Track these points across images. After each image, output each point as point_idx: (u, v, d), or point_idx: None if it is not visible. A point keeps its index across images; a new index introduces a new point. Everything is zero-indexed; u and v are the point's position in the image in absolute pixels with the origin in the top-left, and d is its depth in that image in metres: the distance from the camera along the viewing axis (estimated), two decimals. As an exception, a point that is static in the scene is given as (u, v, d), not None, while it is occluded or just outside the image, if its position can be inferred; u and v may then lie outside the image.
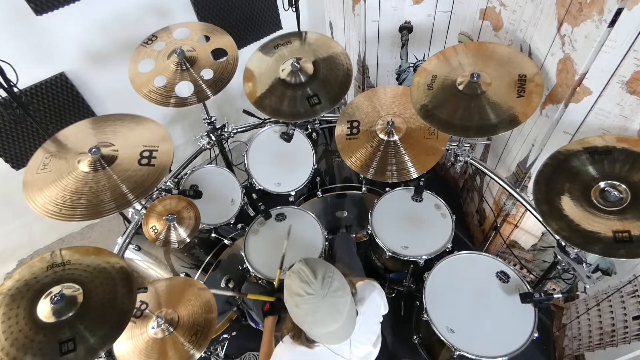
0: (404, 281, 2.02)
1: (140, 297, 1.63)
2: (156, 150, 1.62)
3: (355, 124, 2.01)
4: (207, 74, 1.92)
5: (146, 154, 1.61)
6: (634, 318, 1.69)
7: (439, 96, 1.73)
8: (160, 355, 1.53)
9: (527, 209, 2.02)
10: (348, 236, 2.25)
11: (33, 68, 2.14)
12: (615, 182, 1.39)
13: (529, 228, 2.21)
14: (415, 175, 1.87)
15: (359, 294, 1.37)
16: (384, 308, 1.47)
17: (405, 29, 2.39)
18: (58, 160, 1.58)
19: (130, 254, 2.07)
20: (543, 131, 1.80)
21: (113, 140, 1.65)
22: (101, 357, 1.29)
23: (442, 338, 1.65)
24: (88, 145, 1.58)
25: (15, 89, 1.64)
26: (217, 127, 2.28)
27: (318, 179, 2.35)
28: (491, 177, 2.12)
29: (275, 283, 1.76)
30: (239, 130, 2.40)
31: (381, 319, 1.46)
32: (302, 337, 1.28)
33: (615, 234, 1.30)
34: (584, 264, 1.59)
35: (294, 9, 2.13)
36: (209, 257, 2.15)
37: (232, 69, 1.93)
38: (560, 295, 1.68)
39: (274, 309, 1.66)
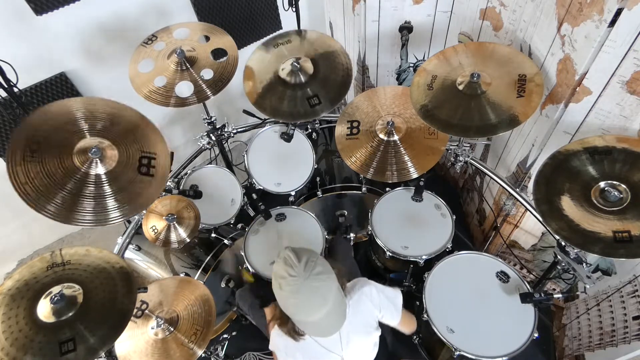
0: (404, 281, 2.02)
1: (140, 297, 1.63)
2: (154, 158, 1.52)
3: (355, 124, 2.01)
4: (207, 74, 1.91)
5: (145, 161, 1.50)
6: (634, 318, 1.69)
7: (439, 96, 1.73)
8: (160, 355, 1.53)
9: (527, 209, 2.02)
10: (343, 240, 2.24)
11: (33, 68, 2.14)
12: (615, 182, 1.39)
13: (529, 228, 2.20)
14: (415, 175, 1.86)
15: (349, 285, 1.37)
16: (383, 299, 1.41)
17: (405, 29, 2.38)
18: (47, 151, 1.37)
19: (130, 254, 2.07)
20: (543, 131, 1.80)
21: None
22: (101, 357, 1.29)
23: (442, 338, 1.65)
24: (80, 139, 1.43)
25: (15, 89, 1.63)
26: (217, 127, 2.28)
27: (318, 179, 2.35)
28: (491, 177, 2.12)
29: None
30: (239, 130, 2.40)
31: (379, 312, 1.42)
32: (288, 326, 1.29)
33: (615, 234, 1.30)
34: (584, 264, 1.59)
35: (294, 9, 2.12)
36: (209, 257, 2.15)
37: (232, 69, 1.93)
38: (560, 295, 1.68)
39: (267, 302, 1.67)
